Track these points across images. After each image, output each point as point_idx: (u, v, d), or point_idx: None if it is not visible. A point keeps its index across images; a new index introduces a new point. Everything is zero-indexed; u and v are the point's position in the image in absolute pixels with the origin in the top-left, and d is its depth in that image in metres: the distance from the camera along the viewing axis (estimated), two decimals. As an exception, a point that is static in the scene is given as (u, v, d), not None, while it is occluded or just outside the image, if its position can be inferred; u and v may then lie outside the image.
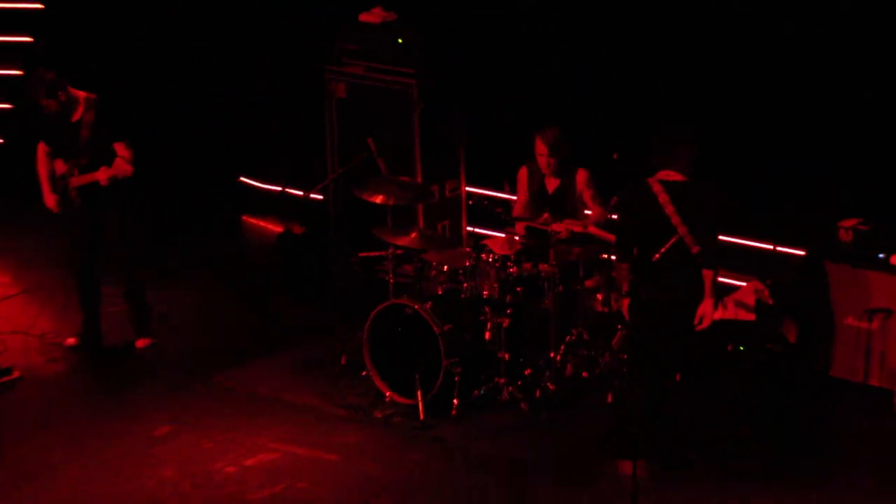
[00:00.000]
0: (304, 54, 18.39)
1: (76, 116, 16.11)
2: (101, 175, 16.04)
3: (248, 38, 19.69)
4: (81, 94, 16.20)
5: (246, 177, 19.79)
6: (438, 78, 17.34)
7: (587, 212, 16.16)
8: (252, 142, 18.93)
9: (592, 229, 15.87)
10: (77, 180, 16.12)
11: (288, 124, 18.87)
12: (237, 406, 15.33)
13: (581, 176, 15.86)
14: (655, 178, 14.15)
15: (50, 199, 16.41)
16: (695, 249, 14.06)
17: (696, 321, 14.43)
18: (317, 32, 18.57)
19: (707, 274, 14.38)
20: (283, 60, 19.31)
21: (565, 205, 15.86)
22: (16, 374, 15.76)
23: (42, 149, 16.41)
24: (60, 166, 16.37)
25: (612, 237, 15.61)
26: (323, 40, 18.08)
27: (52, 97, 15.94)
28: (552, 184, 15.99)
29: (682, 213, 13.96)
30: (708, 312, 14.42)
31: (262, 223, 19.75)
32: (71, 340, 16.56)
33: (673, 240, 14.76)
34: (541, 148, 15.68)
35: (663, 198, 14.07)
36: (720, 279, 15.71)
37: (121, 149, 16.08)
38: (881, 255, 15.80)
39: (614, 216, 15.26)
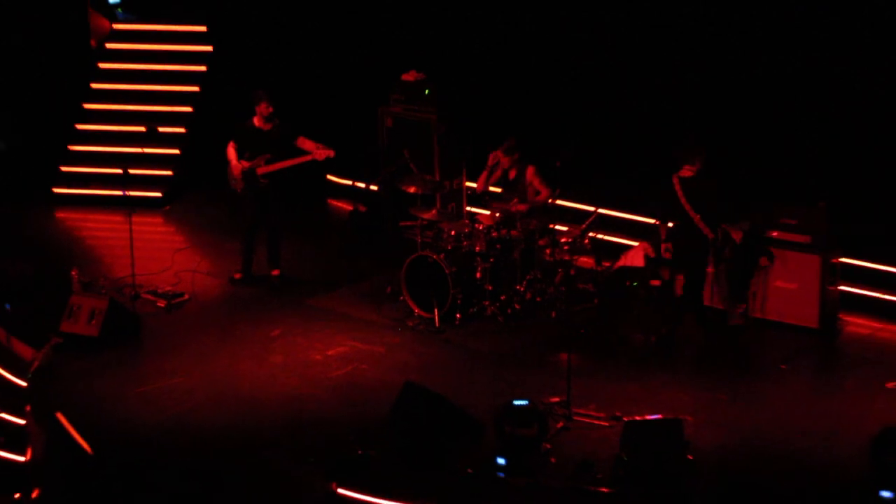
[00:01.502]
0: (370, 99, 18.33)
1: (268, 128, 16.99)
2: (316, 156, 17.25)
3: (339, 86, 19.34)
4: (269, 108, 16.84)
5: (330, 174, 19.97)
6: (449, 115, 17.70)
7: (537, 195, 17.05)
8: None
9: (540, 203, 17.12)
10: (263, 169, 17.00)
11: (356, 142, 18.73)
12: (322, 319, 16.73)
13: (530, 170, 16.92)
14: (677, 175, 15.38)
15: (238, 184, 17.18)
16: (705, 230, 15.39)
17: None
18: (378, 89, 18.38)
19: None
20: (360, 103, 18.82)
21: (517, 189, 17.08)
22: (186, 297, 17.00)
23: (232, 147, 17.09)
24: (241, 160, 17.09)
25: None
26: (381, 91, 18.30)
27: (263, 114, 16.91)
28: (512, 174, 17.11)
29: (691, 202, 15.26)
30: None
31: (339, 203, 19.88)
32: (237, 276, 17.67)
33: (593, 216, 16.65)
34: (502, 158, 17.00)
35: (679, 191, 15.39)
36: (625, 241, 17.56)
37: (305, 142, 17.21)
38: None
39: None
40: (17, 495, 13.30)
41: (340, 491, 12.50)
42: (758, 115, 18.14)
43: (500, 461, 12.74)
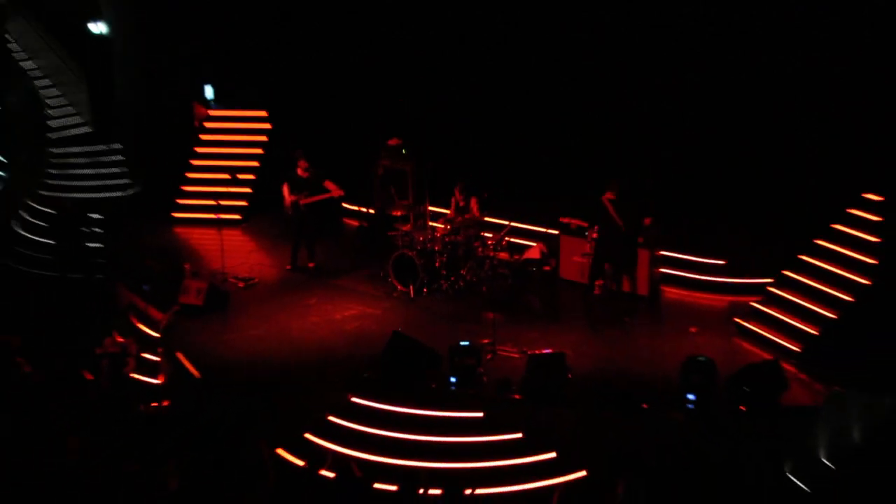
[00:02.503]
0: (369, 156, 18.00)
1: (307, 175, 16.57)
2: (335, 194, 16.82)
3: (351, 148, 18.56)
4: (307, 168, 16.54)
5: (345, 203, 19.10)
6: (421, 165, 17.21)
7: (476, 214, 16.40)
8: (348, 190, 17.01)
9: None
10: (304, 201, 16.60)
11: (361, 183, 18.29)
12: (341, 292, 16.45)
13: (473, 199, 16.34)
14: (605, 197, 14.85)
15: (289, 210, 16.73)
16: (624, 229, 14.89)
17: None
18: (374, 150, 17.91)
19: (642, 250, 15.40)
20: (363, 158, 18.25)
21: (466, 210, 16.39)
22: (255, 280, 16.67)
23: (286, 187, 16.65)
24: (292, 194, 16.63)
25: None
26: (375, 153, 17.95)
27: (303, 167, 16.53)
28: (461, 203, 16.40)
29: (619, 214, 14.76)
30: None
31: (350, 221, 19.43)
32: (288, 267, 17.14)
33: (507, 228, 16.50)
34: (458, 193, 16.42)
35: (610, 207, 14.84)
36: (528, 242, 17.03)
37: (329, 184, 16.72)
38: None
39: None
40: (153, 404, 13.38)
41: (354, 399, 12.72)
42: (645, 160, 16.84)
43: (452, 380, 13.02)
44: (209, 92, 19.72)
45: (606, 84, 16.49)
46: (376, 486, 10.53)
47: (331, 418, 12.97)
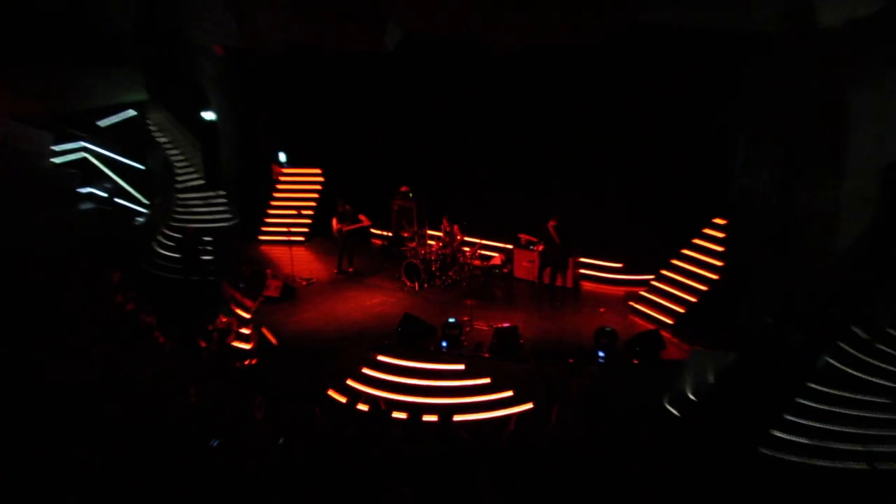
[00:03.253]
0: (388, 199, 17.42)
1: (346, 210, 16.33)
2: (366, 223, 16.58)
3: (377, 193, 17.79)
4: (348, 206, 16.42)
5: (373, 229, 18.32)
6: (420, 203, 17.02)
7: (458, 236, 16.17)
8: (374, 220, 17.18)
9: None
10: (347, 228, 16.36)
11: (384, 216, 17.75)
12: (370, 287, 16.00)
13: (455, 227, 16.04)
14: (550, 224, 14.61)
15: (335, 234, 16.47)
16: (560, 245, 14.75)
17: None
18: (391, 194, 17.53)
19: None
20: (384, 199, 17.64)
21: (451, 234, 16.15)
22: (313, 280, 16.27)
23: (334, 219, 16.41)
24: (338, 223, 16.44)
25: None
26: (391, 196, 17.53)
27: (342, 207, 16.39)
28: (448, 228, 16.09)
29: (558, 235, 14.62)
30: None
31: (376, 241, 18.69)
32: (335, 271, 16.74)
33: (478, 245, 16.55)
34: (445, 222, 16.09)
35: (552, 231, 14.64)
36: (490, 252, 16.87)
37: (363, 217, 16.52)
38: (532, 247, 15.76)
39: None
40: (246, 362, 13.29)
41: (378, 357, 12.65)
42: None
43: (444, 344, 12.92)
44: (283, 156, 19.63)
45: (537, 150, 16.24)
46: (394, 415, 10.48)
47: (364, 370, 12.93)
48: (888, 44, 10.59)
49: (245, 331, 14.67)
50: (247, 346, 14.39)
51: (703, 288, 13.79)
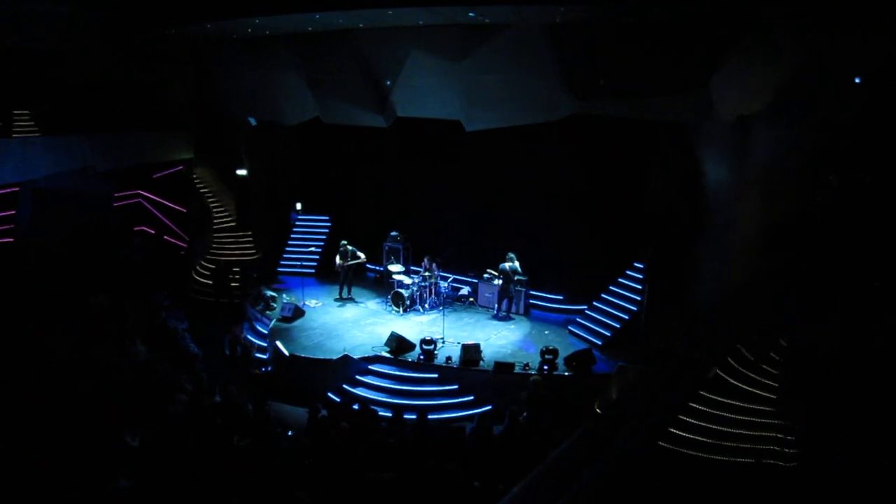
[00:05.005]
0: (380, 240, 17.12)
1: (347, 249, 16.12)
2: (363, 261, 16.33)
3: (372, 237, 17.33)
4: (346, 244, 16.19)
5: (368, 265, 17.68)
6: (408, 241, 16.78)
7: (435, 271, 15.61)
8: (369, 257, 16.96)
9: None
10: (347, 263, 16.02)
11: (376, 254, 17.32)
12: (364, 311, 15.47)
13: (434, 264, 15.46)
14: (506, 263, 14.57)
15: (337, 269, 16.08)
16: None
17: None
18: (382, 237, 17.14)
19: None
20: (378, 241, 17.17)
21: (430, 268, 15.61)
22: (320, 304, 15.79)
23: (337, 256, 16.05)
24: (340, 260, 16.07)
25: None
26: (383, 238, 17.02)
27: (344, 245, 16.12)
28: (429, 267, 15.59)
29: (512, 273, 14.58)
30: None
31: (370, 274, 18.10)
32: (337, 298, 16.18)
33: (450, 279, 16.41)
34: (426, 261, 15.59)
35: (506, 273, 14.55)
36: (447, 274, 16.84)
37: (360, 254, 16.21)
38: (486, 275, 15.40)
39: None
40: (261, 369, 13.09)
41: (370, 367, 12.47)
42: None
43: (421, 357, 12.77)
44: (298, 206, 19.38)
45: (500, 206, 16.11)
46: (380, 413, 10.39)
47: (357, 377, 12.79)
48: (765, 129, 10.84)
49: (262, 343, 14.50)
50: (263, 356, 14.22)
51: (625, 316, 13.70)
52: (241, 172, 18.87)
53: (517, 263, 14.91)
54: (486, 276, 15.80)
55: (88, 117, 16.52)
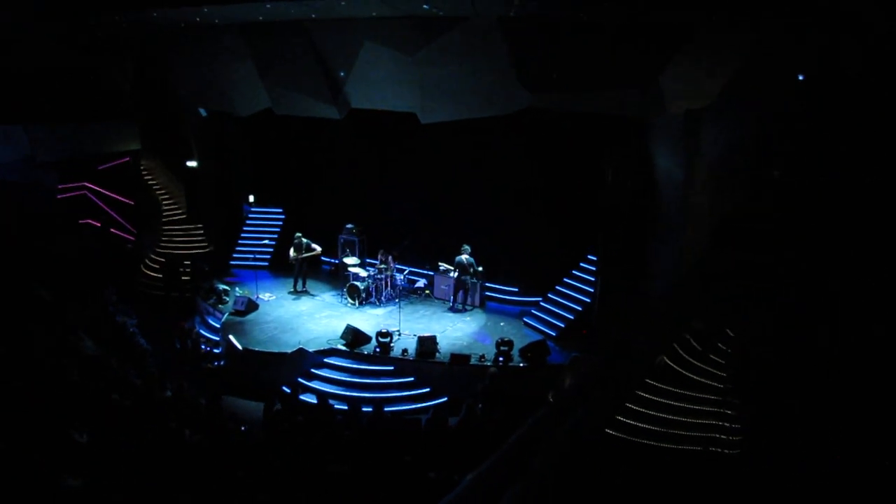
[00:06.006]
0: (335, 233, 16.94)
1: (301, 242, 16.01)
2: (318, 254, 16.17)
3: (327, 229, 17.29)
4: (301, 237, 16.12)
5: (324, 257, 17.60)
6: (364, 233, 16.71)
7: (390, 264, 15.66)
8: (325, 249, 17.27)
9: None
10: (301, 256, 15.95)
11: (330, 246, 17.20)
12: (319, 303, 15.48)
13: (389, 257, 15.58)
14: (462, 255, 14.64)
15: (291, 261, 16.06)
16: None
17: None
18: (338, 229, 17.01)
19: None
20: (332, 235, 17.08)
21: (386, 262, 15.64)
22: (273, 297, 15.61)
23: (291, 249, 16.00)
24: (294, 252, 15.98)
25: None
26: (339, 230, 16.94)
27: (298, 238, 15.97)
28: (384, 260, 15.56)
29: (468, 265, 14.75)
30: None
31: (326, 267, 18.15)
32: (292, 291, 16.09)
33: (406, 270, 16.44)
34: (383, 254, 15.58)
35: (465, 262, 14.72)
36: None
37: (315, 247, 16.06)
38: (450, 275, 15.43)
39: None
40: (214, 363, 12.91)
41: (325, 360, 12.40)
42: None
43: (377, 349, 12.76)
44: (251, 198, 19.11)
45: (455, 199, 16.08)
46: (335, 406, 10.37)
47: (312, 370, 12.74)
48: (713, 125, 11.14)
49: (213, 338, 14.30)
50: (216, 351, 14.04)
51: (579, 308, 13.88)
52: (192, 164, 18.52)
53: (472, 256, 15.12)
54: (441, 268, 15.97)
55: (28, 106, 16.03)
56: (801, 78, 9.49)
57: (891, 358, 7.39)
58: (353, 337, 13.19)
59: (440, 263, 15.71)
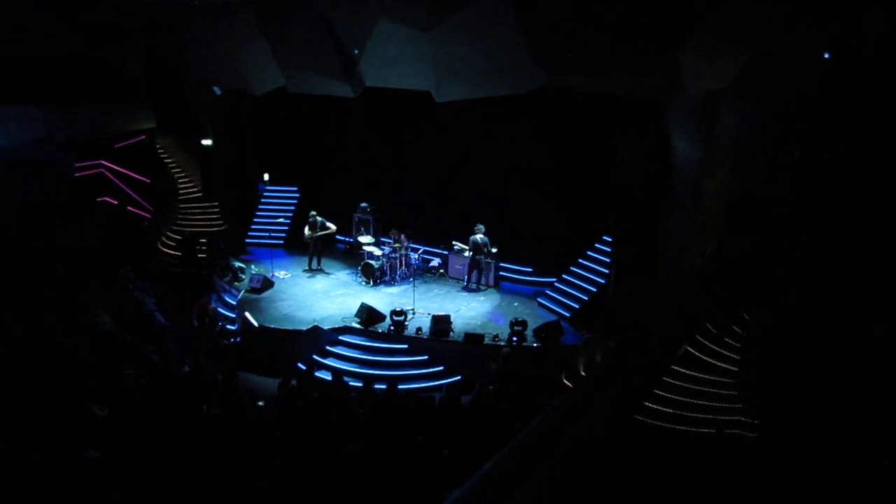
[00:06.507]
0: (350, 212, 17.24)
1: (315, 220, 16.09)
2: (333, 232, 16.24)
3: (342, 208, 17.47)
4: (316, 215, 16.06)
5: (338, 236, 17.56)
6: (378, 212, 16.95)
7: (403, 243, 15.69)
8: (339, 228, 17.28)
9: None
10: (316, 234, 15.95)
11: (345, 225, 17.42)
12: (334, 282, 15.57)
13: (402, 236, 15.58)
14: (477, 236, 14.58)
15: (307, 239, 16.08)
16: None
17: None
18: (352, 208, 17.29)
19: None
20: (348, 212, 17.30)
21: (400, 240, 15.69)
22: (289, 275, 15.76)
23: (306, 227, 16.00)
24: (309, 231, 16.00)
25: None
26: (353, 209, 17.24)
27: (313, 216, 16.05)
28: (397, 238, 15.64)
29: (483, 245, 14.62)
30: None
31: (340, 245, 17.97)
32: (306, 269, 16.16)
33: (420, 250, 16.46)
34: (395, 232, 15.68)
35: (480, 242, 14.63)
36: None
37: (330, 225, 16.11)
38: (464, 254, 16.00)
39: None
40: (231, 340, 13.06)
41: (341, 337, 12.47)
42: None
43: (391, 327, 12.85)
44: (266, 176, 19.21)
45: (471, 178, 15.95)
46: (351, 383, 10.48)
47: (327, 348, 12.86)
48: (733, 106, 10.96)
49: (231, 314, 14.45)
50: (232, 327, 14.19)
51: (593, 289, 13.84)
52: (207, 142, 18.56)
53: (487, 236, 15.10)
54: (455, 247, 15.95)
55: (43, 88, 16.03)
56: (826, 56, 9.30)
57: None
58: (368, 315, 13.28)
59: (454, 243, 15.63)
